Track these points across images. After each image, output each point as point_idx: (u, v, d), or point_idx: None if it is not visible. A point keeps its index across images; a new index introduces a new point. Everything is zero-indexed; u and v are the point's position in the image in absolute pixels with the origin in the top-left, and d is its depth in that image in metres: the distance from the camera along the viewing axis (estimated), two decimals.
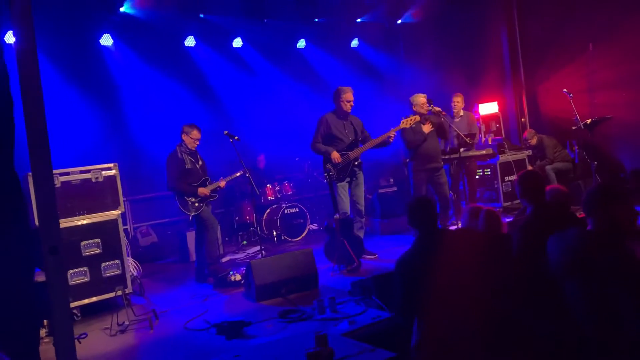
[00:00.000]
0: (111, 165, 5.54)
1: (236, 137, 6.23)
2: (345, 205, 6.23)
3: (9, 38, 7.78)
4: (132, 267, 5.87)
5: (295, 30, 9.74)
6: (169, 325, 4.74)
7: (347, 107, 6.38)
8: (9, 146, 3.15)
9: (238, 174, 6.49)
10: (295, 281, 5.18)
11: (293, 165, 9.38)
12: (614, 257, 2.71)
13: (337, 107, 6.46)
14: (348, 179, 6.36)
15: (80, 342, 4.33)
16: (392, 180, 9.49)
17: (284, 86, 9.99)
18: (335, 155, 6.21)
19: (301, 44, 10.05)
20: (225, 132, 6.28)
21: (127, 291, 5.40)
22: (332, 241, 5.97)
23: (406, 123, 6.35)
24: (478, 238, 3.30)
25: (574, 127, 7.34)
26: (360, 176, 6.48)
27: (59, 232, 2.94)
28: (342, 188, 6.30)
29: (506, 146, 8.25)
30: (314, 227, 8.83)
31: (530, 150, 8.42)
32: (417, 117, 6.48)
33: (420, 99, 6.77)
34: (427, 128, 6.63)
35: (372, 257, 6.40)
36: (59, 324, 2.84)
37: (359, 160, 6.44)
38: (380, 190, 9.41)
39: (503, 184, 7.97)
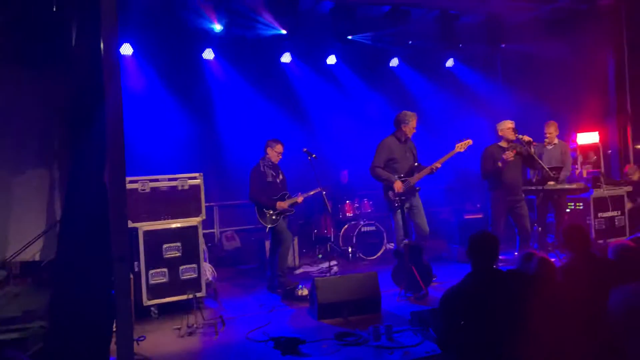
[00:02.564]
0: (196, 175, 5.92)
1: (314, 155, 6.41)
2: (402, 232, 6.15)
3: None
4: (208, 271, 6.21)
5: (389, 49, 9.76)
6: (232, 333, 4.98)
7: (411, 133, 6.39)
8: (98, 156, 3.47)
9: (314, 192, 6.66)
10: (357, 303, 5.22)
11: (374, 183, 9.39)
12: None
13: (399, 131, 6.46)
14: (408, 205, 6.29)
15: (138, 344, 4.67)
16: (479, 205, 9.22)
17: (374, 103, 10.06)
18: (398, 185, 6.20)
19: (394, 62, 10.06)
20: (304, 149, 6.48)
21: (200, 295, 5.74)
22: (400, 266, 5.94)
23: (460, 147, 6.22)
24: (528, 282, 3.22)
25: None
26: (419, 201, 6.43)
27: (127, 241, 3.24)
28: (400, 215, 6.22)
29: (602, 180, 7.69)
30: (390, 246, 8.78)
31: (630, 187, 7.80)
32: (470, 141, 6.28)
33: (507, 125, 6.57)
34: (508, 155, 6.40)
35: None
36: (120, 326, 3.14)
37: (418, 187, 6.35)
38: (466, 216, 9.18)
39: (596, 220, 7.45)
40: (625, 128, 8.62)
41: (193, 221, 5.82)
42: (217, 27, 7.57)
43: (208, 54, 8.65)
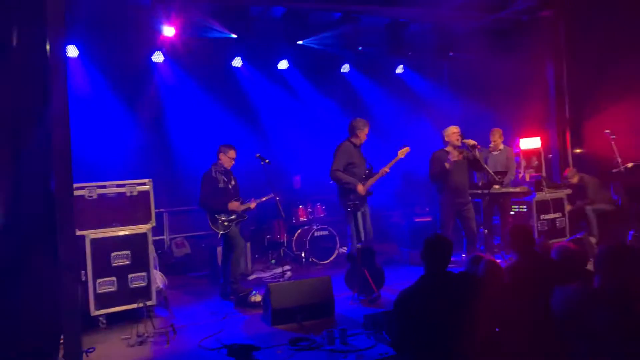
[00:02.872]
0: (146, 180, 5.80)
1: (267, 161, 6.39)
2: (362, 235, 6.24)
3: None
4: (158, 279, 6.07)
5: (340, 55, 9.86)
6: (184, 341, 4.89)
7: (363, 139, 6.54)
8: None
9: (267, 197, 6.64)
10: (311, 308, 5.24)
11: (327, 188, 9.46)
12: (613, 316, 2.66)
13: (354, 137, 6.54)
14: (362, 210, 6.39)
15: (87, 355, 4.51)
16: (428, 209, 9.41)
17: (326, 108, 10.14)
18: (361, 188, 6.28)
19: (345, 68, 10.17)
20: (258, 154, 6.46)
21: (150, 303, 5.60)
22: (353, 270, 6.00)
23: (401, 154, 6.44)
24: (477, 284, 3.33)
25: (614, 170, 7.10)
26: (367, 207, 6.55)
27: (75, 249, 3.13)
28: (355, 219, 6.30)
29: (544, 183, 8.04)
30: (343, 250, 8.85)
31: (570, 189, 8.18)
32: (408, 148, 6.50)
33: (453, 130, 6.78)
34: (455, 156, 6.59)
35: None
36: (68, 337, 3.02)
37: (372, 191, 6.49)
38: (416, 219, 9.35)
39: (539, 222, 7.77)
40: (565, 133, 9.04)
41: (142, 228, 5.69)
42: (168, 30, 7.44)
43: (158, 57, 8.48)
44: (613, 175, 7.49)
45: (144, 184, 5.78)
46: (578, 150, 9.11)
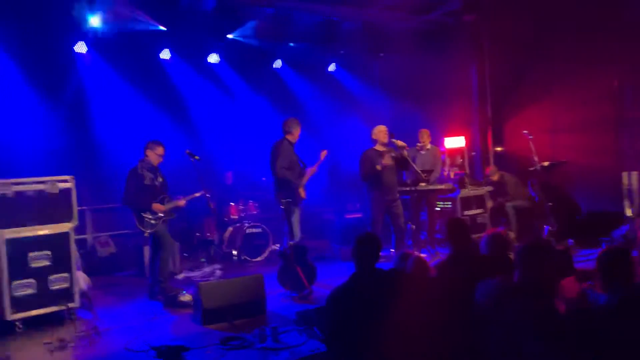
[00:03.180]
0: (67, 177, 5.51)
1: (197, 157, 6.25)
2: (297, 232, 6.32)
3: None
4: (81, 280, 5.81)
5: (273, 51, 9.82)
6: (110, 344, 4.71)
7: (297, 139, 6.69)
8: None
9: (198, 194, 6.50)
10: (243, 306, 5.19)
11: (260, 185, 9.42)
12: (528, 310, 2.82)
13: (289, 136, 6.63)
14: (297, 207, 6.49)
15: None
16: (358, 205, 9.58)
17: (258, 104, 10.08)
18: (302, 190, 6.50)
19: (277, 64, 10.14)
20: (187, 151, 6.31)
21: (73, 305, 5.35)
22: (285, 267, 6.01)
23: (322, 156, 6.74)
24: (405, 280, 3.44)
25: (531, 168, 7.54)
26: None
27: None
28: (296, 215, 6.36)
29: (467, 181, 8.41)
30: (276, 247, 8.83)
31: (491, 187, 8.60)
32: (325, 152, 6.79)
33: (380, 129, 6.97)
34: (386, 160, 6.77)
35: None
36: None
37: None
38: (347, 216, 9.49)
39: (462, 217, 8.11)
40: (487, 133, 9.49)
41: (64, 227, 5.41)
42: (92, 20, 7.10)
43: (80, 48, 8.07)
44: (530, 173, 7.96)
45: (65, 180, 5.49)
46: (499, 149, 9.58)
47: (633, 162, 7.48)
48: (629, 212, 7.47)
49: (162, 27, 8.01)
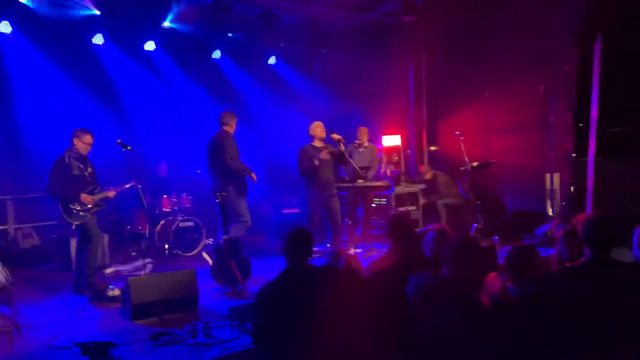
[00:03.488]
0: None
1: (129, 147, 6.03)
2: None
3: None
4: (0, 274, 5.48)
5: (211, 41, 9.62)
6: (31, 341, 4.49)
7: (233, 130, 6.78)
8: None
9: (128, 185, 6.29)
10: (174, 302, 5.08)
11: (194, 178, 9.24)
12: (455, 303, 2.93)
13: (229, 128, 6.72)
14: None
15: None
16: (296, 200, 9.59)
17: (195, 95, 9.86)
18: (254, 175, 6.64)
19: (216, 54, 9.94)
20: (118, 140, 6.07)
21: None
22: (219, 262, 5.93)
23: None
24: (338, 277, 3.43)
25: (461, 168, 7.82)
26: None
27: None
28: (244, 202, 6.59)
29: (402, 179, 8.62)
30: (209, 242, 8.70)
31: (424, 185, 8.86)
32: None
33: (317, 124, 7.04)
34: (324, 155, 6.82)
35: None
36: None
37: None
38: (284, 210, 9.48)
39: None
40: (422, 132, 9.76)
41: None
42: None
43: (5, 27, 7.58)
44: (461, 172, 8.25)
45: None
46: (433, 148, 9.88)
47: (555, 165, 7.93)
48: (550, 212, 7.94)
49: (96, 11, 7.66)
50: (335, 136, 6.97)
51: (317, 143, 7.08)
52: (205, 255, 6.60)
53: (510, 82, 8.50)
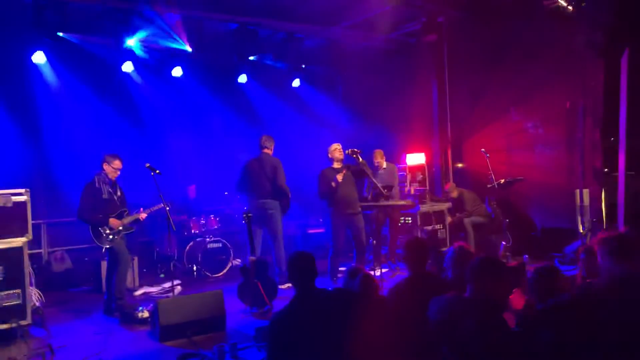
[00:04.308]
0: (22, 190, 5.37)
1: (157, 171, 6.16)
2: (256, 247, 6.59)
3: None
4: (34, 297, 5.65)
5: (237, 65, 9.82)
6: None
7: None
8: None
9: (157, 207, 6.41)
10: (202, 323, 5.15)
11: (222, 199, 9.37)
12: (479, 324, 2.89)
13: (269, 151, 7.13)
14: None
15: None
16: (322, 220, 9.61)
17: (223, 119, 10.05)
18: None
19: (242, 79, 10.11)
20: (147, 165, 6.20)
21: (25, 323, 5.19)
22: (246, 283, 5.98)
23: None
24: (353, 301, 3.32)
25: (488, 186, 7.75)
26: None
27: None
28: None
29: (427, 197, 8.58)
30: (237, 263, 8.77)
31: (450, 203, 8.79)
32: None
33: (335, 147, 7.16)
34: (339, 177, 6.84)
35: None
36: None
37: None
38: (309, 230, 9.51)
39: (422, 233, 8.26)
40: (446, 151, 9.71)
41: (17, 242, 5.27)
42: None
43: (39, 58, 7.88)
44: (487, 190, 8.18)
45: (20, 193, 5.35)
46: (460, 165, 9.81)
47: (584, 180, 7.80)
48: (580, 229, 7.77)
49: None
50: (350, 151, 6.94)
51: (336, 165, 7.12)
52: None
53: (536, 98, 8.45)
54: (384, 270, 7.35)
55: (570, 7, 7.00)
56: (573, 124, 8.17)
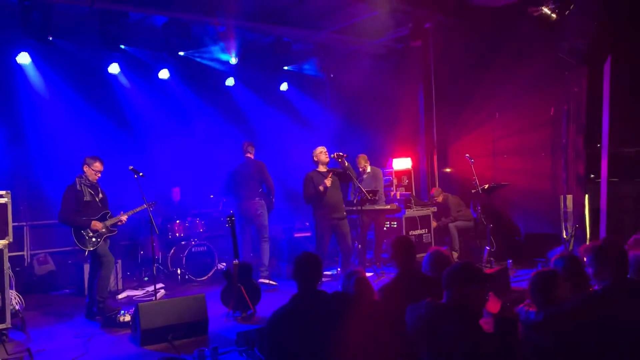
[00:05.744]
0: (3, 192, 5.31)
1: (141, 174, 6.12)
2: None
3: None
4: (14, 300, 5.58)
5: (225, 67, 9.79)
6: None
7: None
8: None
9: (139, 209, 6.37)
10: (183, 327, 5.11)
11: (207, 202, 9.33)
12: (457, 330, 2.90)
13: (252, 156, 7.27)
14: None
15: None
16: (308, 224, 9.58)
17: (209, 122, 10.00)
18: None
19: (230, 82, 10.09)
20: (131, 167, 6.16)
21: (4, 326, 5.12)
22: (229, 287, 5.95)
23: None
24: (349, 303, 3.39)
25: (473, 191, 7.79)
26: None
27: None
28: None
29: (413, 201, 8.61)
30: (221, 267, 8.73)
31: (435, 207, 8.83)
32: None
33: (320, 150, 7.19)
34: (328, 182, 6.84)
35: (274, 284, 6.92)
36: None
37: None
38: (295, 234, 9.48)
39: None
40: (432, 155, 9.74)
41: None
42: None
43: (24, 59, 7.83)
44: (472, 195, 8.22)
45: (0, 195, 5.29)
46: (448, 170, 9.86)
47: (568, 186, 7.87)
48: (564, 234, 7.84)
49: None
50: (335, 155, 6.97)
51: (322, 168, 7.13)
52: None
53: (521, 104, 8.51)
54: (369, 275, 7.35)
55: (554, 15, 7.07)
56: (557, 130, 8.25)
